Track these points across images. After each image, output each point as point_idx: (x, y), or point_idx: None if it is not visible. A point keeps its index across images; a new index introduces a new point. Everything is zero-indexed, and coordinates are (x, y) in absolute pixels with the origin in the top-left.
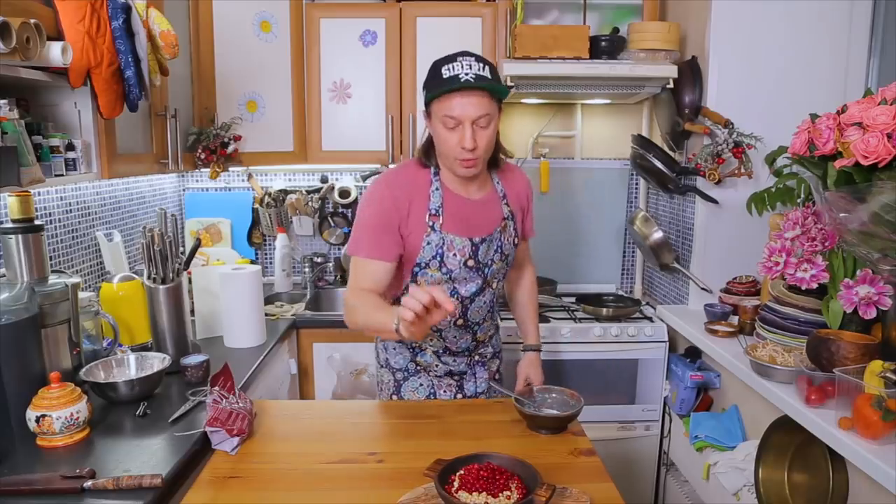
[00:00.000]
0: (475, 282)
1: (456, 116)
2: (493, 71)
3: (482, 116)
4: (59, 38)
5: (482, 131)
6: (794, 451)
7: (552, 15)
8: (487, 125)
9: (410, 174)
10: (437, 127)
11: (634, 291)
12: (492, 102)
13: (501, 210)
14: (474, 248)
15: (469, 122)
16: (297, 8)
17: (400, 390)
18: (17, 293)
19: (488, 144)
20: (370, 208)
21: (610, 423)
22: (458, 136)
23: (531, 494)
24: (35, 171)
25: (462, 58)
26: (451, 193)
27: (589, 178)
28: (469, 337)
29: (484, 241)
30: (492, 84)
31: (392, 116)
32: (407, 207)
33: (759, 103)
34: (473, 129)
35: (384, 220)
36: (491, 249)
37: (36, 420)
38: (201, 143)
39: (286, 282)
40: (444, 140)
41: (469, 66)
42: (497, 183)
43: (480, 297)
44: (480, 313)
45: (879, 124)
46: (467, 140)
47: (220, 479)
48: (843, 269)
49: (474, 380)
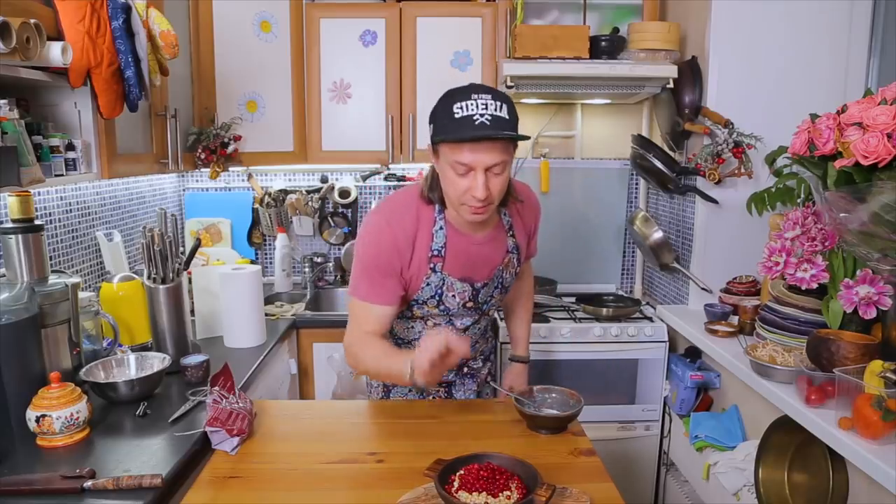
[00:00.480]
0: (472, 317)
1: (468, 164)
2: (510, 110)
3: (496, 165)
4: (59, 38)
5: (496, 178)
6: (794, 451)
7: (552, 15)
8: (502, 172)
9: (413, 212)
10: (444, 170)
11: (634, 291)
12: (508, 148)
13: (506, 244)
14: (475, 293)
15: (482, 169)
16: (297, 8)
17: (389, 395)
18: (17, 293)
19: (501, 191)
20: (370, 249)
21: (610, 423)
22: (469, 182)
23: (531, 494)
24: (35, 171)
25: (477, 95)
26: (456, 232)
27: (589, 178)
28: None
29: (485, 285)
30: (506, 128)
31: (392, 116)
32: (410, 250)
33: (759, 103)
34: (486, 177)
35: (385, 264)
36: (491, 289)
37: (36, 420)
38: (201, 143)
39: (286, 282)
40: (453, 185)
41: (485, 107)
42: (504, 214)
43: (476, 326)
44: (474, 338)
45: (879, 124)
46: (479, 189)
47: (220, 479)
48: (843, 269)
49: (463, 390)
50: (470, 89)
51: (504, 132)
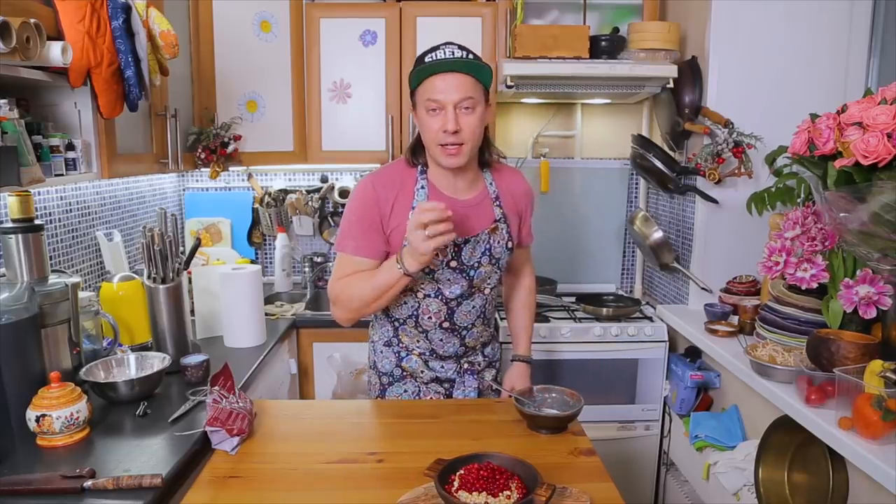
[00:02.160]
0: (459, 283)
1: (439, 100)
2: (476, 58)
3: (465, 99)
4: (59, 37)
5: (466, 116)
6: (794, 451)
7: (552, 15)
8: (472, 109)
9: (397, 172)
10: (421, 114)
11: (634, 291)
12: (476, 86)
13: (493, 211)
14: (457, 249)
15: (452, 105)
16: (297, 8)
17: (384, 394)
18: (17, 293)
19: (473, 132)
20: (353, 204)
21: (610, 422)
22: (441, 119)
23: (531, 494)
24: (35, 170)
25: (445, 46)
26: (438, 192)
27: (589, 178)
28: (457, 341)
29: (468, 241)
30: (474, 63)
31: (392, 116)
32: (390, 205)
33: (759, 103)
34: (457, 114)
35: (367, 217)
36: (477, 251)
37: (36, 420)
38: (201, 143)
39: (286, 282)
40: (428, 126)
41: (452, 53)
42: (490, 183)
43: (469, 302)
44: (468, 318)
45: (879, 124)
46: (450, 122)
47: (220, 479)
48: (843, 268)
49: (463, 388)
50: (440, 44)
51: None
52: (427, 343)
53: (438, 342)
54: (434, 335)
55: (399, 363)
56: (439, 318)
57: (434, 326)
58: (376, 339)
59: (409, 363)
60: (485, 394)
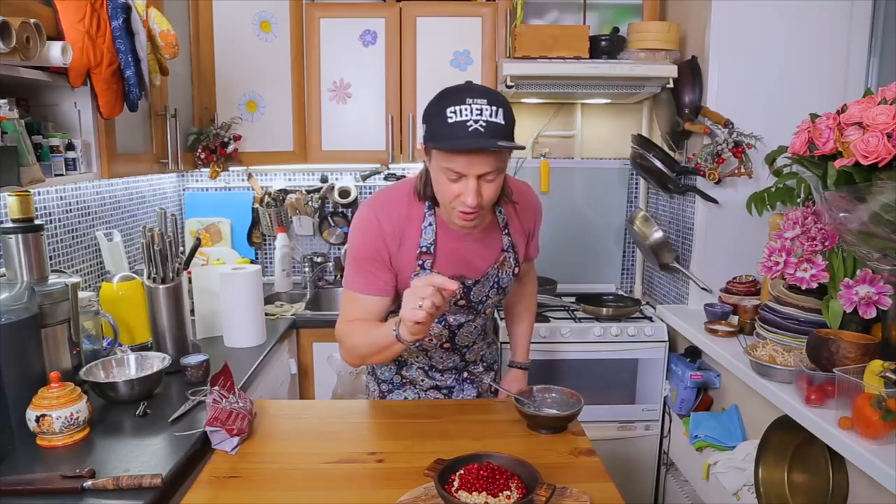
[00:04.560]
0: (466, 316)
1: (460, 172)
2: (506, 114)
3: (490, 172)
4: (59, 37)
5: (488, 185)
6: (794, 451)
7: (552, 15)
8: (495, 179)
9: (403, 205)
10: (436, 173)
11: (634, 291)
12: (503, 155)
13: (501, 242)
14: (466, 291)
15: (474, 176)
16: (297, 8)
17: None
18: (17, 293)
19: (493, 197)
20: (357, 238)
21: (610, 422)
22: (460, 188)
23: (531, 494)
24: (35, 170)
25: (472, 100)
26: (446, 229)
27: (589, 178)
28: (457, 358)
29: (477, 282)
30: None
31: (392, 116)
32: (397, 243)
33: (759, 103)
34: (479, 184)
35: (372, 253)
36: (486, 287)
37: (36, 420)
38: (201, 143)
39: (286, 282)
40: (443, 189)
41: (479, 112)
42: (499, 213)
43: (470, 324)
44: (469, 338)
45: (879, 124)
46: (470, 196)
47: (220, 479)
48: (843, 269)
49: (462, 395)
50: (465, 93)
51: (498, 142)
52: (427, 360)
53: (439, 359)
54: (434, 354)
55: (399, 371)
56: (440, 340)
57: (435, 347)
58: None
59: (408, 372)
60: (484, 395)
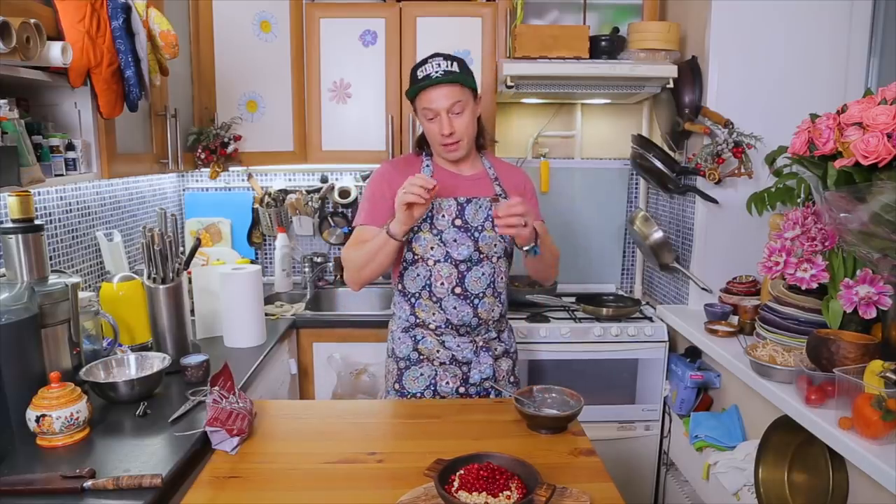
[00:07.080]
0: (465, 244)
1: (432, 108)
2: (461, 65)
3: (455, 104)
4: (59, 37)
5: (457, 118)
6: (794, 451)
7: (552, 15)
8: (462, 111)
9: (408, 159)
10: (421, 120)
11: (634, 291)
12: (463, 90)
13: (493, 188)
14: (460, 208)
15: (444, 111)
16: (297, 8)
17: (402, 379)
18: (17, 293)
19: (466, 129)
20: (370, 185)
21: (610, 422)
22: (438, 124)
23: (531, 494)
24: (35, 170)
25: (432, 59)
26: (442, 169)
27: (589, 178)
28: (469, 310)
29: (470, 201)
30: (457, 77)
31: (392, 116)
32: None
33: (759, 103)
34: (449, 118)
35: (378, 191)
36: (480, 215)
37: (36, 420)
38: (201, 143)
39: (286, 282)
40: (429, 130)
41: (438, 65)
42: (489, 167)
43: (478, 268)
44: (479, 284)
45: (879, 124)
46: (445, 127)
47: (220, 479)
48: (843, 269)
49: (479, 369)
50: (428, 57)
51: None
52: (442, 314)
53: (452, 310)
54: (447, 303)
55: (416, 346)
56: (451, 283)
57: (447, 293)
58: (394, 327)
59: (425, 344)
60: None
